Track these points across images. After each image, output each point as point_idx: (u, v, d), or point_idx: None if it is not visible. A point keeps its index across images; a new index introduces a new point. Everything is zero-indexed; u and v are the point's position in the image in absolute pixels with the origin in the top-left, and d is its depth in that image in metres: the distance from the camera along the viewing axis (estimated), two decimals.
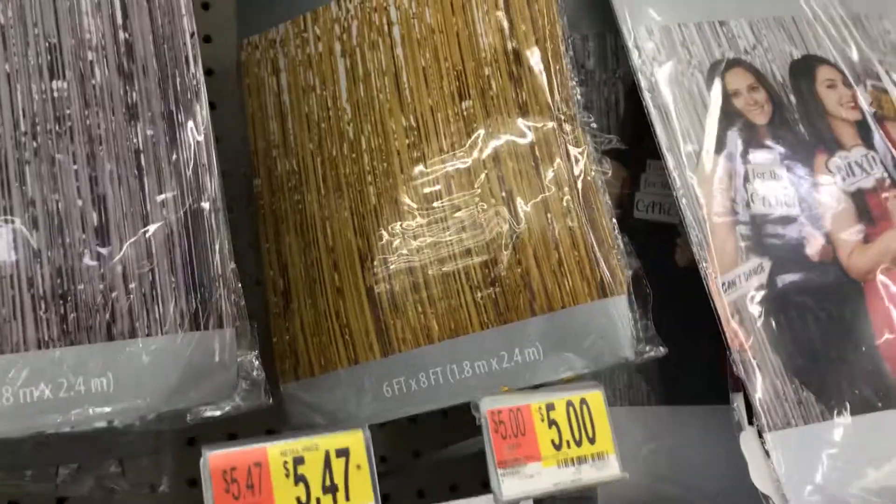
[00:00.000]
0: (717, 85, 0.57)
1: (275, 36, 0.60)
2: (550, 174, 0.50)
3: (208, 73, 0.63)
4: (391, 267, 0.52)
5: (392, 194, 0.53)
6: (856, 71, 0.61)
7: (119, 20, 0.45)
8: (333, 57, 0.57)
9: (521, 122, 0.51)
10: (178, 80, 0.46)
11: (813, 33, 0.61)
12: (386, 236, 0.53)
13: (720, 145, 0.55)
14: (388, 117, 0.54)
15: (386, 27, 0.56)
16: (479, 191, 0.51)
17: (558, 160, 0.50)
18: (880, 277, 0.55)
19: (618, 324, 0.48)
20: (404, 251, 0.52)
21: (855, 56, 0.61)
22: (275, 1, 0.60)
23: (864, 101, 0.59)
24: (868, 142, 0.58)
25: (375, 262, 0.53)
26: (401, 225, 0.53)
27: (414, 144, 0.53)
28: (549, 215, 0.50)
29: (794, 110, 0.58)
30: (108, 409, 0.40)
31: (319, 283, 0.54)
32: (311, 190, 0.56)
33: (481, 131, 0.52)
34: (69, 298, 0.41)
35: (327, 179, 0.55)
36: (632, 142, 0.60)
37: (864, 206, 0.57)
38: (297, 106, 0.58)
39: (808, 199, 0.56)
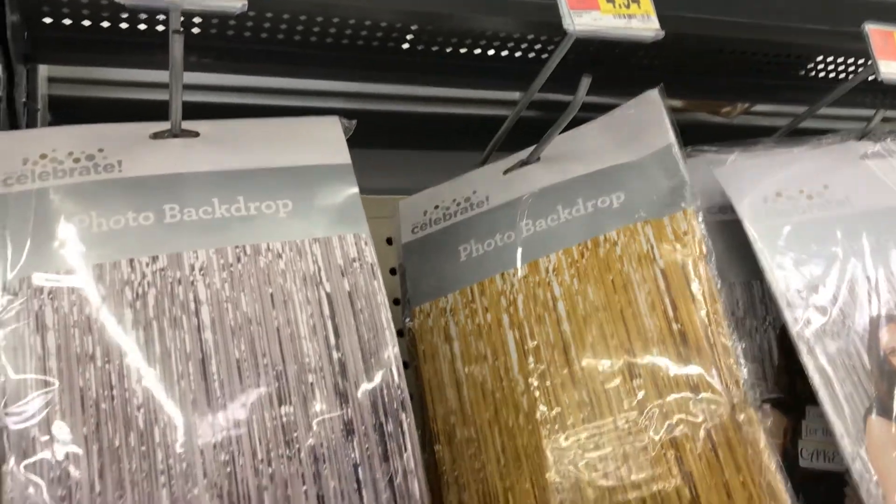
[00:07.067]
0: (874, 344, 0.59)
1: (444, 305, 0.66)
2: (728, 457, 0.53)
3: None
4: None
5: (569, 469, 0.57)
6: None
7: (332, 341, 0.52)
8: (502, 328, 0.62)
9: (692, 405, 0.55)
10: (385, 392, 0.51)
11: None
12: None
13: (885, 409, 0.57)
14: (560, 391, 0.59)
15: (550, 302, 0.61)
16: (659, 470, 0.54)
17: (737, 445, 0.53)
18: None
19: None
20: None
21: None
22: (443, 272, 0.66)
23: None
24: None
25: None
26: (581, 498, 0.56)
27: (588, 419, 0.57)
28: (730, 500, 0.52)
29: None
30: None
31: None
32: (491, 459, 0.60)
33: (655, 411, 0.55)
34: None
35: (506, 450, 0.59)
36: (788, 388, 0.63)
37: None
38: (470, 374, 0.63)
39: None
